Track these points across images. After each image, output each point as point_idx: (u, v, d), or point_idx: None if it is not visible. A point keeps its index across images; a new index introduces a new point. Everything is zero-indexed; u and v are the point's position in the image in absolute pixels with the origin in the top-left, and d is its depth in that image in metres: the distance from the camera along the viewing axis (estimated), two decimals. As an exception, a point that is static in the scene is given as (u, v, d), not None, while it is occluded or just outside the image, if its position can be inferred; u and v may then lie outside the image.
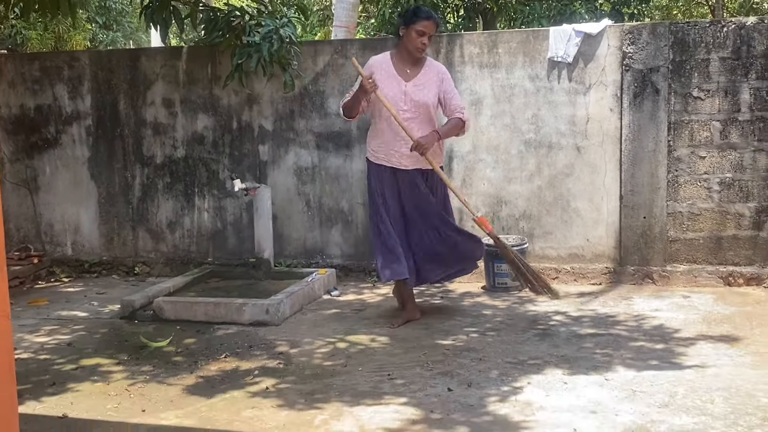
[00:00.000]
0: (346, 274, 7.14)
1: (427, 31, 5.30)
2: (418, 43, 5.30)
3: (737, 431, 3.52)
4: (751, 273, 6.35)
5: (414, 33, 5.29)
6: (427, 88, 5.39)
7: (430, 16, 5.32)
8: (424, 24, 5.29)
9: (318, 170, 7.20)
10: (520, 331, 5.33)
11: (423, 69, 5.43)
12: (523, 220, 6.85)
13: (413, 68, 5.42)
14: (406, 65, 5.42)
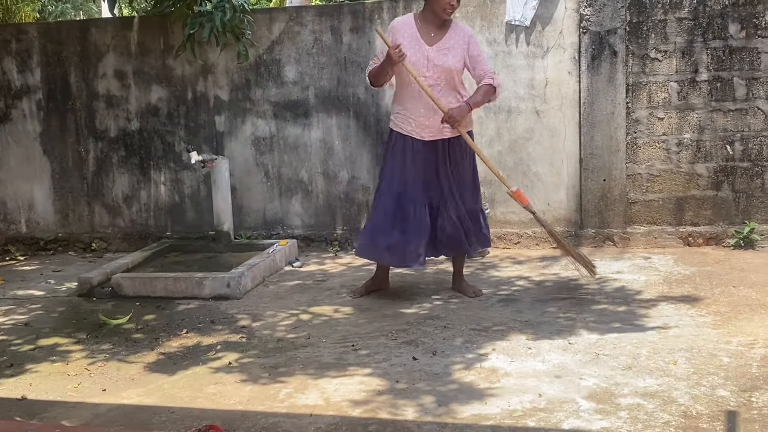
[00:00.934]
0: (308, 244, 7.08)
1: None
2: (445, 4, 4.88)
3: (700, 391, 3.54)
4: (710, 233, 6.40)
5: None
6: (451, 52, 4.97)
7: None
8: None
9: (276, 140, 7.10)
10: (483, 297, 5.33)
11: (448, 32, 5.02)
12: (485, 186, 6.78)
13: (438, 31, 5.01)
14: (431, 28, 5.00)
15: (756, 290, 5.13)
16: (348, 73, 6.90)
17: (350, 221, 7.06)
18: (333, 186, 7.06)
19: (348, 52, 6.89)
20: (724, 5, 6.24)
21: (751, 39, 6.21)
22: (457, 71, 5.01)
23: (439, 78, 4.97)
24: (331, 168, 7.04)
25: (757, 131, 6.28)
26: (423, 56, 4.95)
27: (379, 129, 6.90)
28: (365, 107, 6.91)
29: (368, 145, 6.95)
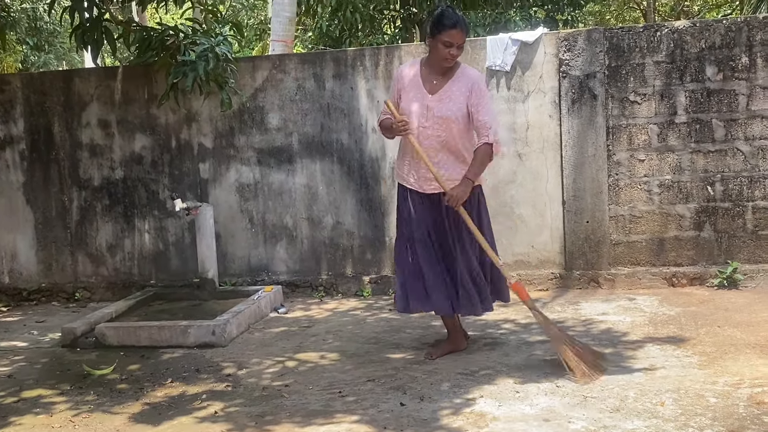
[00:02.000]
0: (293, 290, 7.06)
1: (454, 41, 4.62)
2: (445, 54, 4.64)
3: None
4: (694, 273, 6.43)
5: (440, 44, 4.63)
6: (452, 100, 4.70)
7: (457, 23, 4.62)
8: (451, 34, 4.60)
9: (260, 186, 7.11)
10: (470, 341, 5.31)
11: (452, 79, 4.75)
12: (469, 229, 6.83)
13: (441, 78, 4.76)
14: (434, 75, 4.77)
15: (740, 330, 5.15)
16: (331, 119, 6.95)
17: (335, 266, 7.06)
18: (317, 231, 7.06)
19: (331, 99, 6.94)
20: (701, 48, 6.35)
21: (728, 81, 6.31)
22: (458, 120, 4.71)
23: (439, 129, 4.72)
24: (315, 213, 7.05)
25: (737, 172, 6.35)
26: (423, 105, 4.74)
27: (363, 174, 6.93)
28: (349, 152, 6.95)
29: (352, 190, 6.97)
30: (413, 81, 4.81)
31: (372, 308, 6.46)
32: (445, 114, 4.70)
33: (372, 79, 6.86)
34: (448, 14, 4.66)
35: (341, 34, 12.25)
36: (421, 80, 4.80)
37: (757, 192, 6.32)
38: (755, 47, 6.26)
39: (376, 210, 6.95)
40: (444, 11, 4.69)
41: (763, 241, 6.34)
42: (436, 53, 4.69)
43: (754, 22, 6.30)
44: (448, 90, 4.74)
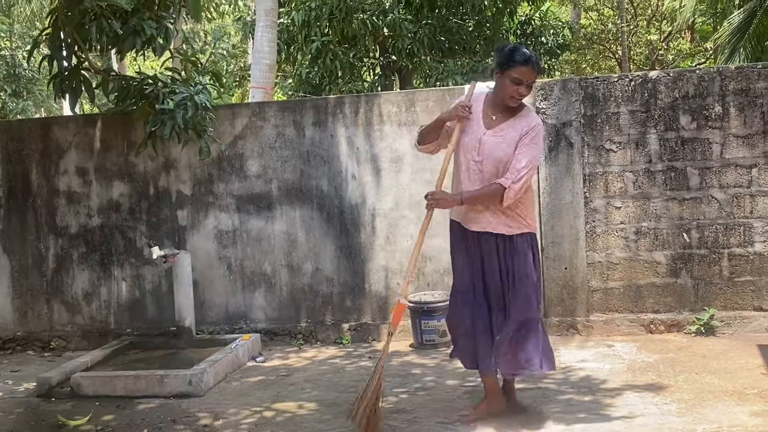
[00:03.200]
0: (272, 338, 7.00)
1: (524, 79, 4.34)
2: (512, 92, 4.36)
3: (668, 482, 3.53)
4: (671, 320, 6.46)
5: (508, 81, 4.35)
6: (505, 141, 4.39)
7: (529, 60, 4.34)
8: (521, 71, 4.33)
9: (239, 233, 7.09)
10: (450, 389, 5.29)
11: (512, 119, 4.45)
12: (448, 276, 6.83)
13: (501, 115, 4.47)
14: (496, 111, 4.48)
15: (718, 377, 5.16)
16: (311, 165, 6.97)
17: (314, 314, 7.02)
18: (297, 278, 7.04)
19: (311, 146, 6.97)
20: (675, 98, 6.45)
21: (702, 130, 6.40)
22: (505, 163, 4.39)
23: (487, 166, 4.41)
24: (294, 260, 7.03)
25: (712, 219, 6.41)
26: (476, 139, 4.44)
27: (342, 220, 6.94)
28: (328, 199, 6.96)
29: (332, 237, 6.97)
30: (476, 112, 4.50)
31: (351, 356, 6.42)
32: (495, 153, 4.40)
33: (352, 126, 6.91)
34: (520, 50, 4.40)
35: (321, 81, 12.33)
36: (481, 114, 4.51)
37: (732, 239, 6.38)
38: (728, 96, 6.36)
39: (356, 257, 6.95)
40: (516, 47, 4.46)
41: (739, 288, 6.38)
42: (502, 90, 4.41)
43: (726, 72, 6.42)
44: (504, 129, 4.44)
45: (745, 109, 6.33)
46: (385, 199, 6.89)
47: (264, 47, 9.77)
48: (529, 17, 14.43)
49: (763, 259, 6.33)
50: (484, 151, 4.41)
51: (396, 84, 13.85)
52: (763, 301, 6.34)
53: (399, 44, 11.88)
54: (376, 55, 13.38)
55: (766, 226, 6.32)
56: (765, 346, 5.85)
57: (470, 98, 4.51)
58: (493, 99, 4.52)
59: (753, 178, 6.34)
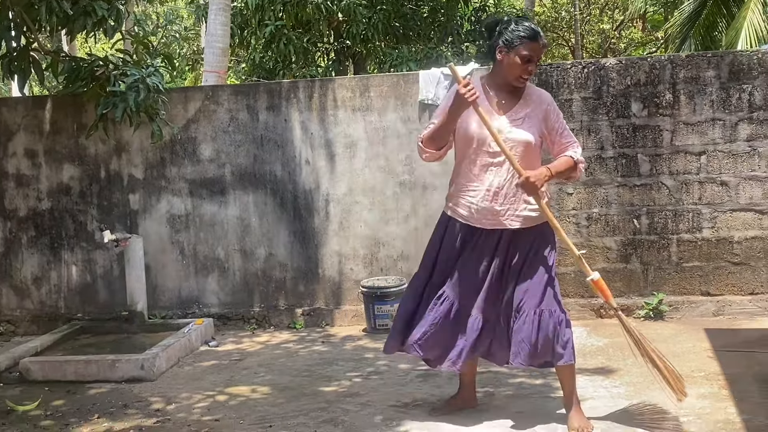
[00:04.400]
0: (225, 323, 6.97)
1: (534, 56, 3.99)
2: (521, 71, 3.99)
3: (617, 462, 3.59)
4: (621, 304, 6.52)
5: (517, 58, 3.95)
6: (526, 123, 4.04)
7: (537, 36, 3.98)
8: (531, 47, 3.96)
9: (192, 218, 7.03)
10: (402, 373, 5.32)
11: (522, 98, 4.09)
12: (402, 261, 6.87)
13: (509, 97, 4.09)
14: (501, 94, 4.09)
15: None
16: (265, 150, 6.93)
17: (268, 298, 7.00)
18: (250, 263, 7.00)
19: (264, 130, 6.93)
20: (627, 85, 6.53)
21: (653, 117, 6.50)
22: (535, 144, 4.07)
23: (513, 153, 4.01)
24: (248, 245, 7.00)
25: (662, 205, 6.52)
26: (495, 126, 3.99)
27: (296, 205, 6.91)
28: (282, 184, 6.93)
29: (285, 222, 6.95)
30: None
31: (305, 341, 6.42)
32: (520, 136, 4.01)
33: (306, 111, 6.88)
34: (525, 24, 4.01)
35: (275, 66, 12.24)
36: (485, 98, 4.06)
37: (681, 225, 6.49)
38: (678, 84, 6.46)
39: (310, 242, 6.93)
40: (518, 19, 4.07)
41: (687, 273, 6.50)
42: (509, 69, 4.00)
43: (677, 60, 6.51)
44: (521, 110, 4.07)
45: (694, 97, 6.44)
46: (339, 185, 6.88)
47: (217, 30, 9.66)
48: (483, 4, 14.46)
49: (711, 244, 6.46)
50: (506, 138, 3.97)
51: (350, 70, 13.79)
52: (710, 286, 6.47)
53: (353, 30, 11.82)
54: (330, 40, 13.31)
55: (714, 213, 6.44)
56: (712, 330, 5.97)
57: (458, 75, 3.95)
58: (493, 81, 4.13)
59: (702, 165, 6.45)
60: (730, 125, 6.39)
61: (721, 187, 6.43)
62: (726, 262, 6.45)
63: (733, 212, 6.42)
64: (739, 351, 5.36)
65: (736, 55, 6.49)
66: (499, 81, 4.10)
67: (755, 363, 5.03)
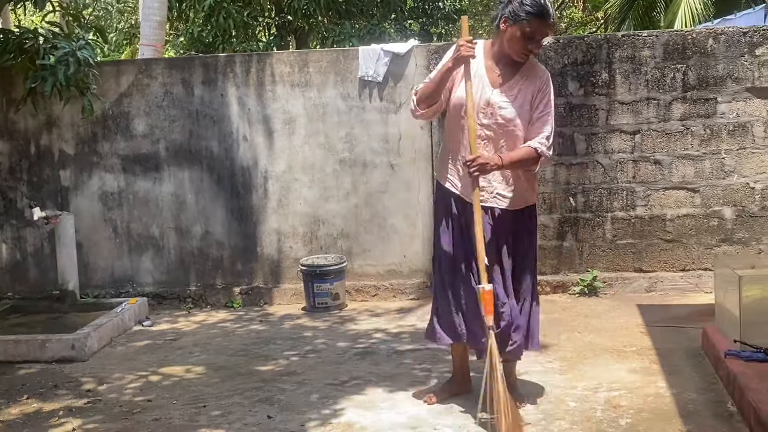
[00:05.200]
0: (160, 302, 6.85)
1: (537, 35, 3.79)
2: (522, 47, 3.80)
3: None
4: (557, 281, 6.63)
5: (519, 33, 3.76)
6: (518, 100, 3.86)
7: (544, 13, 3.75)
8: (537, 24, 3.76)
9: (125, 194, 6.88)
10: (340, 351, 5.30)
11: (520, 73, 3.90)
12: (341, 239, 6.84)
13: (508, 70, 3.90)
14: (500, 65, 3.90)
15: (599, 335, 5.34)
16: (200, 126, 6.80)
17: (204, 277, 6.90)
18: (186, 241, 6.89)
19: (200, 105, 6.80)
20: (564, 64, 6.56)
21: (590, 96, 6.54)
22: (520, 126, 3.88)
23: (500, 130, 3.87)
24: (183, 223, 6.88)
25: (597, 184, 6.59)
26: (484, 100, 3.86)
27: (233, 182, 6.82)
28: (219, 161, 6.82)
29: (222, 199, 6.85)
30: (473, 66, 3.85)
31: (242, 320, 6.35)
32: (508, 114, 3.85)
33: (243, 86, 6.77)
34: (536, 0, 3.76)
35: (214, 40, 12.04)
36: (483, 68, 3.91)
37: (615, 203, 6.57)
38: (614, 64, 6.51)
39: (248, 219, 6.85)
40: None
41: (621, 250, 6.59)
42: (510, 43, 3.82)
43: (613, 40, 6.56)
44: (516, 85, 3.89)
45: (630, 77, 6.50)
46: (277, 162, 6.80)
47: (154, 3, 9.43)
48: (426, -19, 14.43)
49: (644, 222, 6.56)
50: (493, 113, 3.85)
51: (292, 45, 13.65)
52: (643, 263, 6.58)
53: (295, 4, 11.70)
54: (271, 14, 13.16)
55: (648, 191, 6.54)
56: (644, 305, 6.08)
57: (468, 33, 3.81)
58: (495, 51, 3.93)
59: (636, 144, 6.53)
60: (664, 104, 6.47)
61: (654, 165, 6.52)
62: (659, 240, 6.56)
63: (666, 190, 6.52)
64: (669, 326, 5.47)
65: (671, 35, 6.56)
66: (500, 53, 3.91)
67: (685, 338, 5.13)
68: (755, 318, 4.32)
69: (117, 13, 16.65)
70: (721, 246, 6.50)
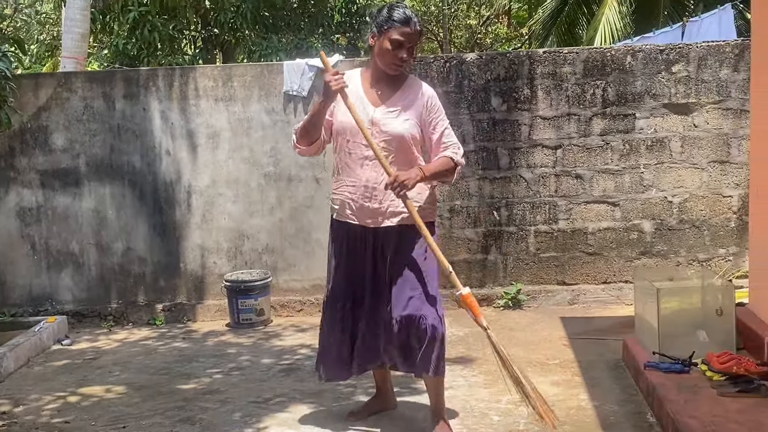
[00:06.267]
0: (80, 320, 6.68)
1: (405, 41, 3.74)
2: (392, 57, 3.75)
3: (471, 451, 3.64)
4: (482, 294, 6.67)
5: (387, 43, 3.73)
6: (403, 114, 3.83)
7: (409, 20, 3.75)
8: (402, 31, 3.73)
9: (44, 210, 6.71)
10: (265, 368, 5.25)
11: (401, 90, 3.88)
12: (266, 254, 6.78)
13: (387, 89, 3.87)
14: (379, 85, 3.87)
15: (523, 349, 5.39)
16: (122, 140, 6.68)
17: (126, 294, 6.76)
18: (107, 257, 6.75)
19: (122, 119, 6.68)
20: (487, 80, 6.65)
21: (512, 112, 6.64)
22: (410, 138, 3.84)
23: (388, 148, 3.80)
24: (104, 239, 6.74)
25: (520, 197, 6.68)
26: (367, 120, 3.80)
27: (156, 197, 6.71)
28: (141, 175, 6.70)
29: (145, 214, 6.72)
30: (353, 91, 3.84)
31: (165, 337, 6.24)
32: (396, 129, 3.80)
33: (166, 100, 6.68)
34: (398, 8, 3.79)
35: (139, 52, 11.86)
36: (362, 90, 3.89)
37: (538, 217, 6.67)
38: (536, 80, 6.62)
39: (170, 235, 6.74)
40: (393, 5, 3.84)
41: (544, 263, 6.69)
42: (380, 56, 3.78)
43: (535, 56, 6.68)
44: (398, 101, 3.86)
45: (551, 92, 6.61)
46: (201, 176, 6.72)
47: (76, 15, 9.24)
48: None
49: (566, 235, 6.67)
50: (379, 131, 3.79)
51: (219, 59, 13.53)
52: (566, 276, 6.69)
53: (221, 18, 11.61)
54: (197, 28, 13.02)
55: (570, 205, 6.65)
56: (567, 318, 6.17)
57: (327, 63, 3.94)
58: (371, 72, 3.91)
59: (558, 159, 6.64)
60: (584, 120, 6.60)
61: (576, 179, 6.64)
62: (581, 252, 6.68)
63: (588, 204, 6.65)
64: (592, 339, 5.56)
65: (591, 52, 6.71)
66: (376, 71, 3.88)
67: (607, 350, 5.22)
68: (673, 330, 4.42)
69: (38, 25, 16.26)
70: (641, 258, 6.65)
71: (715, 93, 6.51)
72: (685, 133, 6.55)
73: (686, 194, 6.58)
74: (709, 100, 6.52)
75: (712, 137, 6.54)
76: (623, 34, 11.13)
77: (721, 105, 6.51)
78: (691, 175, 6.57)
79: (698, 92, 6.52)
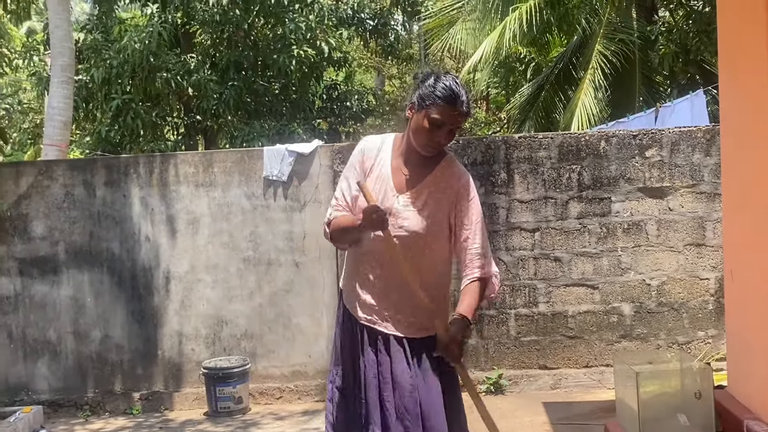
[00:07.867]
0: (56, 410, 6.56)
1: (447, 122, 3.14)
2: (428, 138, 3.17)
3: None
4: (463, 379, 6.63)
5: (426, 121, 3.14)
6: (428, 208, 3.23)
7: (456, 99, 3.12)
8: (446, 111, 3.13)
9: (21, 298, 6.66)
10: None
11: (432, 175, 3.26)
12: (245, 340, 6.73)
13: (417, 170, 3.26)
14: (409, 164, 3.27)
15: (504, 435, 5.33)
16: (102, 227, 6.69)
17: (103, 382, 6.67)
18: (84, 345, 6.67)
19: (102, 206, 6.70)
20: (464, 164, 6.59)
21: (490, 195, 6.69)
22: (430, 241, 3.24)
23: (404, 243, 3.20)
24: (82, 327, 6.67)
25: (500, 281, 6.66)
26: (386, 207, 3.19)
27: (135, 284, 6.68)
28: (120, 262, 6.69)
29: (123, 301, 6.69)
30: (381, 166, 3.30)
31: (141, 427, 6.14)
32: (412, 226, 3.22)
33: (146, 186, 6.71)
34: (446, 81, 3.16)
35: (122, 139, 11.98)
36: (390, 169, 3.30)
37: (518, 300, 6.68)
38: (513, 164, 6.71)
39: (149, 321, 6.69)
40: (440, 75, 3.20)
41: (525, 347, 6.67)
42: (416, 134, 3.20)
43: (511, 141, 6.78)
44: (425, 190, 3.25)
45: (528, 176, 6.70)
46: (180, 262, 6.71)
47: (59, 104, 9.33)
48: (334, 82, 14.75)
49: (547, 318, 6.67)
50: (396, 224, 3.20)
51: (201, 144, 13.69)
52: (547, 360, 6.65)
53: (204, 104, 11.78)
54: (180, 114, 13.19)
55: (549, 287, 6.67)
56: (549, 403, 6.12)
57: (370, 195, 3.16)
58: (404, 147, 3.30)
59: (536, 242, 6.69)
60: (561, 203, 6.67)
61: (554, 262, 6.67)
62: (562, 336, 6.66)
63: (567, 287, 6.67)
64: (574, 424, 5.52)
65: (566, 137, 6.82)
66: (408, 148, 3.28)
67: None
68: (654, 413, 4.39)
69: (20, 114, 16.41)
70: (621, 342, 6.64)
71: (688, 177, 6.61)
72: (661, 217, 6.62)
73: (664, 277, 6.62)
74: (683, 183, 6.61)
75: (687, 220, 6.62)
76: (599, 119, 11.33)
77: (695, 189, 6.61)
78: (668, 258, 6.62)
79: (672, 176, 6.62)
